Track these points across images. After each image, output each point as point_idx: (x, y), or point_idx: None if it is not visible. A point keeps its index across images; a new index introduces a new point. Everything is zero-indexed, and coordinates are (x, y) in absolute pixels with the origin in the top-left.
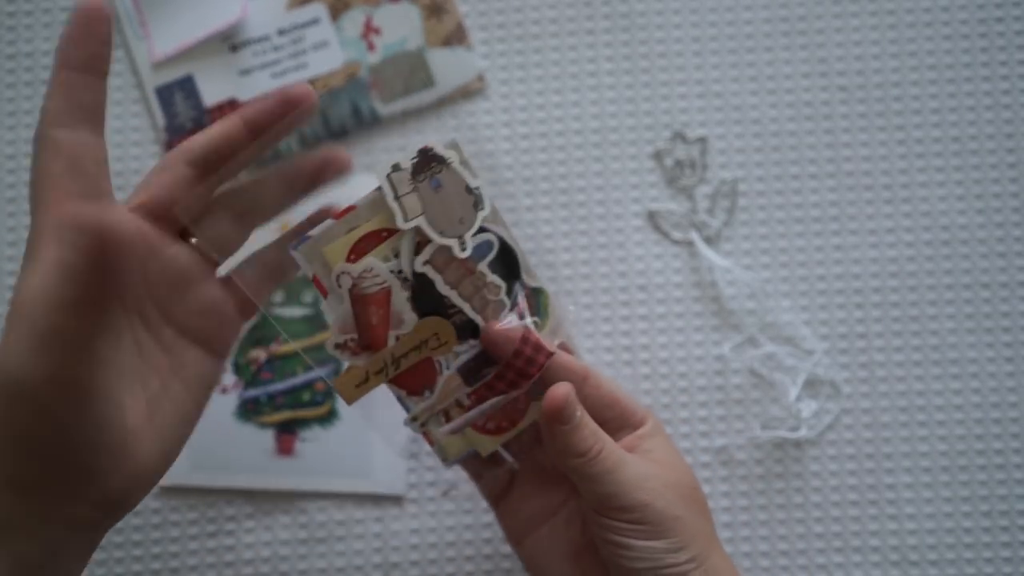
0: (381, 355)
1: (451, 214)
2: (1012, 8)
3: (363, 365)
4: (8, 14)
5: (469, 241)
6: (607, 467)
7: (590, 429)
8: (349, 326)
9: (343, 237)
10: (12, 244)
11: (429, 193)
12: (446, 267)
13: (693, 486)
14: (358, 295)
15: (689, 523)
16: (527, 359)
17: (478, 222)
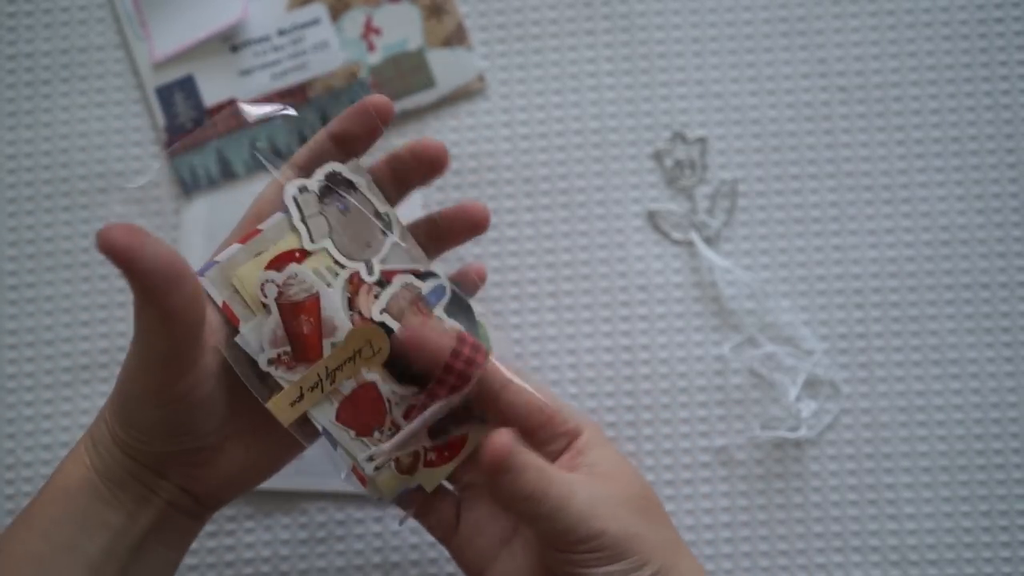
0: (314, 369)
1: (359, 238)
2: (1011, 8)
3: (297, 382)
4: (8, 15)
5: (376, 265)
6: (556, 504)
7: (534, 469)
8: (280, 338)
9: (252, 260)
10: (13, 244)
11: (336, 216)
12: (401, 314)
13: (646, 496)
14: (286, 303)
15: (649, 537)
16: (466, 359)
17: (386, 248)
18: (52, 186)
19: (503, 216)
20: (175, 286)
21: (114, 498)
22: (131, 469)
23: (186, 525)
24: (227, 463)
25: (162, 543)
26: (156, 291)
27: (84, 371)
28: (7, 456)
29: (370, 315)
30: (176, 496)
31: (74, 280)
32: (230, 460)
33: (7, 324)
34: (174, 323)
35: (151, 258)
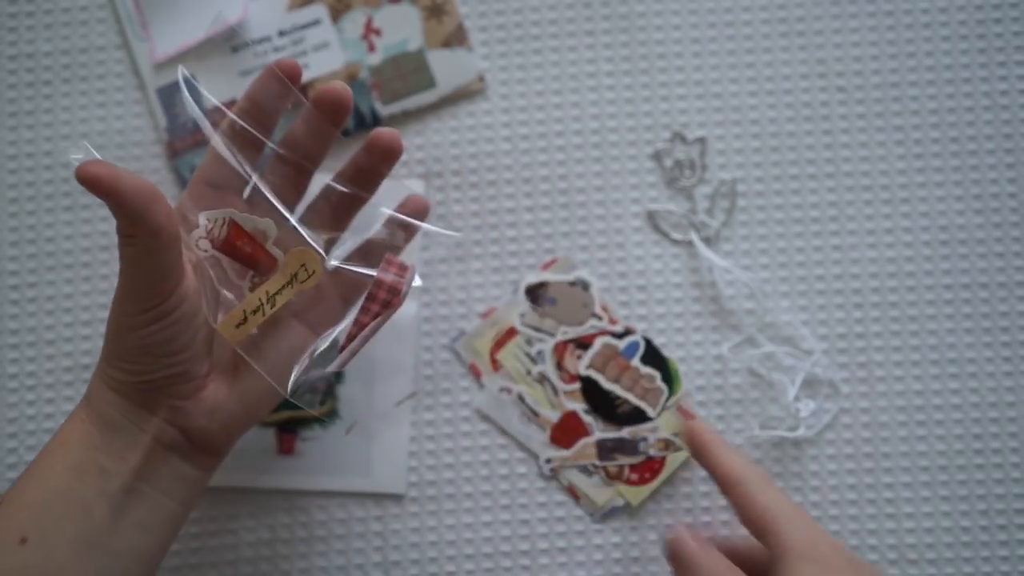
0: (255, 295)
1: (571, 317)
2: (1010, 9)
3: (240, 306)
4: (10, 15)
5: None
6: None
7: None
8: (242, 271)
9: (488, 333)
10: (14, 244)
11: (548, 308)
12: (604, 366)
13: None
14: (220, 245)
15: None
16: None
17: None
18: (53, 186)
19: (503, 216)
20: (155, 203)
21: (105, 442)
22: (121, 407)
23: (181, 470)
24: (212, 397)
25: (157, 489)
26: (140, 210)
27: (86, 370)
28: (9, 455)
29: (577, 372)
30: (164, 432)
31: (75, 280)
32: (214, 394)
33: (8, 324)
34: (159, 236)
35: (130, 183)
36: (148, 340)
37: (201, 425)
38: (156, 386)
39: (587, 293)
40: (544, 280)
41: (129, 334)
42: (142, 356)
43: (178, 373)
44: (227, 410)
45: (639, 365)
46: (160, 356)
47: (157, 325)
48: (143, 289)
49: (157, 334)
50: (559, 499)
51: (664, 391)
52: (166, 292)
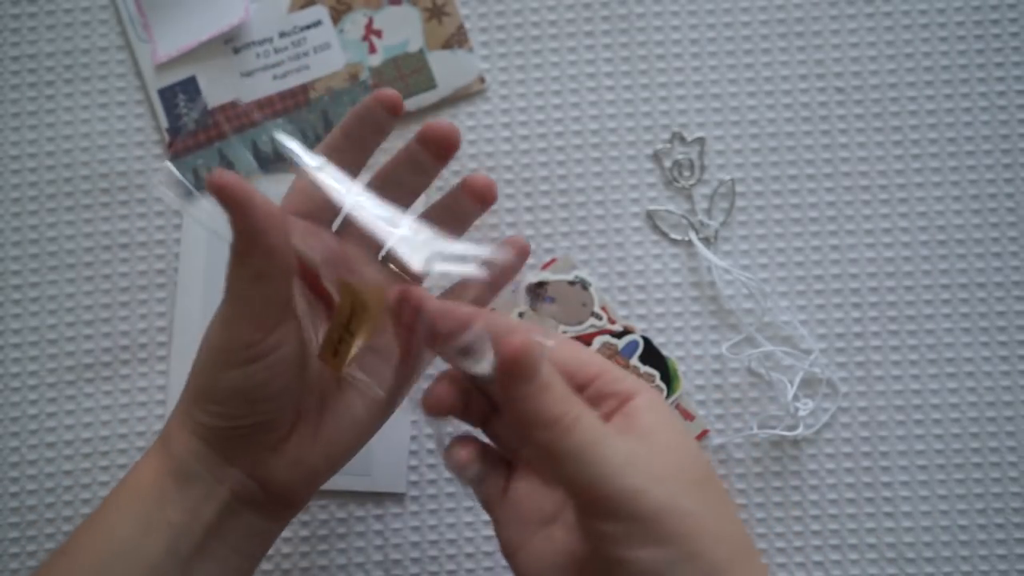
0: (332, 327)
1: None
2: (1007, 11)
3: (325, 339)
4: (12, 16)
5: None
6: (586, 439)
7: (561, 391)
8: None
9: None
10: (16, 244)
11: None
12: None
13: (708, 475)
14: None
15: (705, 521)
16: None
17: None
18: (55, 187)
19: (503, 216)
20: (277, 225)
21: (179, 495)
22: (202, 456)
23: (254, 525)
24: (296, 448)
25: (227, 545)
26: (262, 227)
27: (87, 370)
28: (11, 455)
29: None
30: (244, 485)
31: (77, 280)
32: (298, 445)
33: (11, 323)
34: (273, 258)
35: (259, 198)
36: (245, 382)
37: (283, 478)
38: (243, 433)
39: (586, 292)
40: (544, 279)
41: (225, 372)
42: (235, 399)
43: (268, 420)
44: (310, 462)
45: (638, 364)
46: (254, 401)
47: (257, 365)
48: (248, 320)
49: (255, 375)
50: None
51: (663, 390)
52: (270, 325)
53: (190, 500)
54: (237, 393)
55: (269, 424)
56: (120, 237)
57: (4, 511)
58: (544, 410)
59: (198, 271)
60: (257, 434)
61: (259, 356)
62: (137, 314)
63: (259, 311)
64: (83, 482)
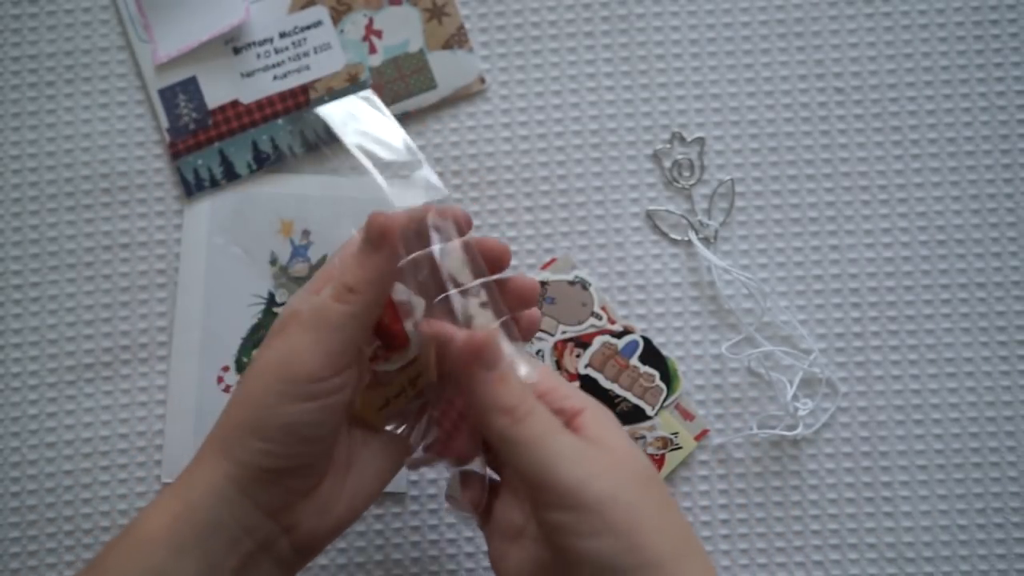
0: (399, 380)
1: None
2: (1006, 11)
3: (383, 390)
4: (13, 17)
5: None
6: (537, 432)
7: (517, 385)
8: (371, 337)
9: None
10: (17, 244)
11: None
12: (603, 365)
13: (652, 476)
14: None
15: (649, 516)
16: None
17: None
18: (56, 187)
19: (503, 216)
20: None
21: (198, 546)
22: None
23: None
24: (326, 495)
25: None
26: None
27: (88, 370)
28: (12, 455)
29: (576, 370)
30: (268, 535)
31: (78, 280)
32: (328, 493)
33: (11, 323)
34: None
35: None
36: (302, 418)
37: (310, 525)
38: (283, 475)
39: (586, 292)
40: (543, 279)
41: (284, 406)
42: (288, 436)
43: (310, 465)
44: (337, 511)
45: (638, 364)
46: (306, 440)
47: (317, 403)
48: (325, 355)
49: (313, 413)
50: None
51: (663, 390)
52: (343, 364)
53: (211, 553)
54: (292, 430)
55: (310, 469)
56: (121, 237)
57: (5, 511)
58: (501, 398)
59: (198, 271)
60: (295, 478)
61: (323, 394)
62: (137, 314)
63: (337, 347)
64: (83, 482)
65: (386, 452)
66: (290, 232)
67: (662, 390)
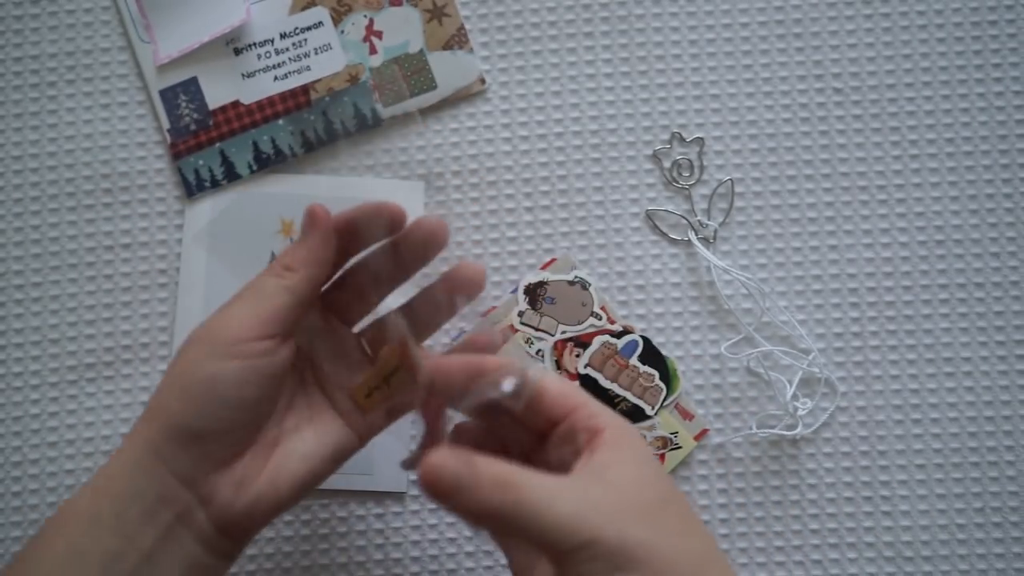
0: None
1: (570, 316)
2: (1005, 12)
3: (365, 379)
4: (15, 17)
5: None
6: (532, 513)
7: (490, 482)
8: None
9: None
10: (18, 244)
11: (547, 307)
12: (603, 365)
13: (664, 500)
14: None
15: (661, 547)
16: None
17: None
18: (57, 187)
19: (503, 216)
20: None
21: (115, 518)
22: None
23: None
24: (243, 468)
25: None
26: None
27: (89, 370)
28: (14, 454)
29: (576, 370)
30: (186, 506)
31: (79, 280)
32: (246, 467)
33: (13, 323)
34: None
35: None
36: (219, 375)
37: (226, 498)
38: (197, 439)
39: (586, 292)
40: (543, 279)
41: (204, 365)
42: (204, 392)
43: (228, 430)
44: (256, 489)
45: (637, 364)
46: (221, 400)
47: (237, 363)
48: (253, 319)
49: (232, 372)
50: None
51: (662, 390)
52: (268, 332)
53: (128, 523)
54: (211, 387)
55: (228, 435)
56: (122, 237)
57: (6, 510)
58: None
59: (199, 271)
60: (212, 443)
61: (246, 355)
62: (139, 314)
63: (266, 314)
64: (85, 482)
65: (320, 439)
66: (290, 232)
67: (661, 390)
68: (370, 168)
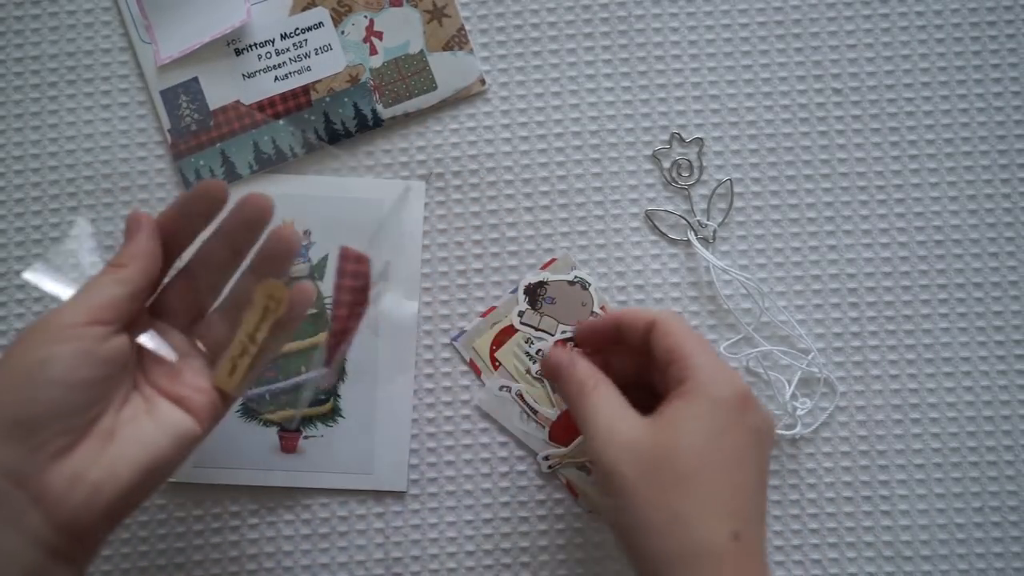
0: (238, 339)
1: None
2: (1004, 12)
3: (226, 355)
4: (16, 18)
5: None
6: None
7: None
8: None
9: (487, 332)
10: (20, 244)
11: (547, 307)
12: None
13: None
14: None
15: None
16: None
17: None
18: (58, 187)
19: (503, 216)
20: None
21: None
22: None
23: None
24: (78, 460)
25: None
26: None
27: None
28: None
29: None
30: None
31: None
32: (81, 458)
33: (15, 324)
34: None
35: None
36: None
37: (60, 492)
38: (26, 427)
39: (586, 292)
40: (543, 279)
41: (34, 349)
42: (32, 376)
43: (60, 415)
44: (93, 478)
45: None
46: (49, 383)
47: (67, 346)
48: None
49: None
50: (558, 496)
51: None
52: (100, 319)
53: None
54: (40, 370)
55: (57, 420)
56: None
57: None
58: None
59: None
60: (43, 429)
61: (75, 338)
62: None
63: (97, 301)
64: None
65: (159, 426)
66: None
67: None
68: (370, 168)
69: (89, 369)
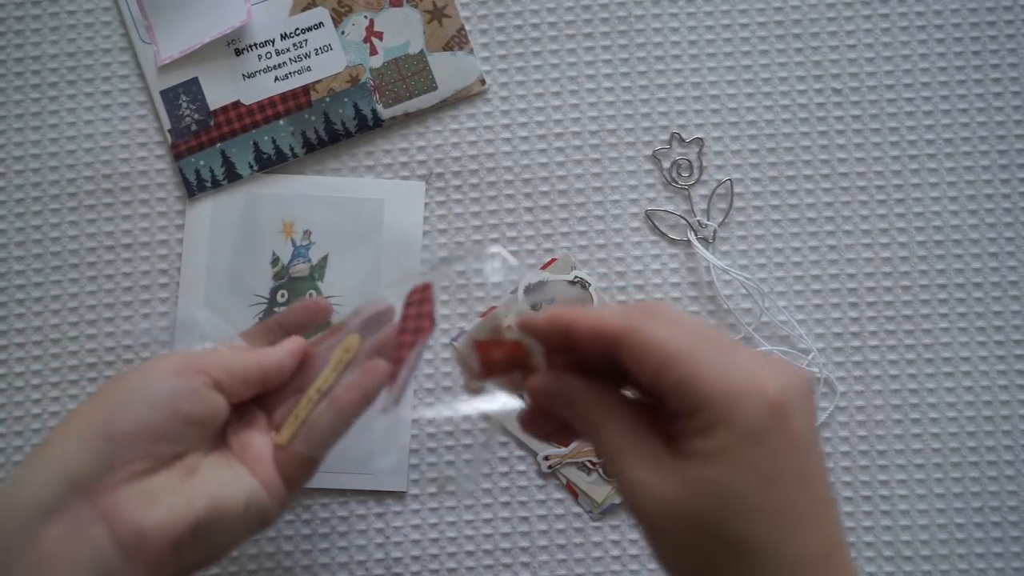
0: (307, 397)
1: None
2: (1003, 13)
3: (294, 415)
4: (16, 19)
5: None
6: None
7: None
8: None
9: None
10: (20, 244)
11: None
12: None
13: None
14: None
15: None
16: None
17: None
18: (59, 187)
19: (503, 216)
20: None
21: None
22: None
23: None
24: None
25: None
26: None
27: (90, 370)
28: (15, 454)
29: None
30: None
31: (80, 280)
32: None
33: (15, 323)
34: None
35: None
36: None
37: (130, 508)
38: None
39: (586, 292)
40: (543, 279)
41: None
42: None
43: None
44: (168, 503)
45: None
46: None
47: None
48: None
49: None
50: (558, 496)
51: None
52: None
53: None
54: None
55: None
56: (123, 237)
57: None
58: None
59: (200, 271)
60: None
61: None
62: (140, 314)
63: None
64: None
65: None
66: (291, 232)
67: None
68: (370, 168)
69: (191, 406)
